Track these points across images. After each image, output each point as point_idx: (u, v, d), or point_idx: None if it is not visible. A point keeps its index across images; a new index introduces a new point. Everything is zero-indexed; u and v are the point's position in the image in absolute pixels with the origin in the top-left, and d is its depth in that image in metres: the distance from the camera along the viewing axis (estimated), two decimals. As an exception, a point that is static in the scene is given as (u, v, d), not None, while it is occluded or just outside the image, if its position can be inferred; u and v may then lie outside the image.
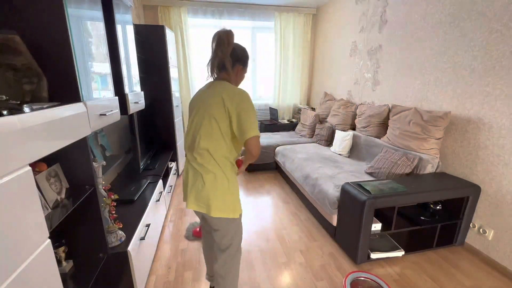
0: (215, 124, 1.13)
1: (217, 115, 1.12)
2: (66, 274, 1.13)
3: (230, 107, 1.10)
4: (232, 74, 1.22)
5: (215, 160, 1.16)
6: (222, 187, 1.17)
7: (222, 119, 1.12)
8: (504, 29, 1.70)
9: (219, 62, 1.18)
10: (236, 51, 1.20)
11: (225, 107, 1.11)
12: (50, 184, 1.02)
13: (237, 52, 1.20)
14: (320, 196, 2.16)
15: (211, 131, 1.14)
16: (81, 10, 1.14)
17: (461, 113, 2.01)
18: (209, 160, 1.17)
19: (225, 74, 1.21)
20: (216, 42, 1.15)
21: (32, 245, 0.71)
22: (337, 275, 1.73)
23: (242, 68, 1.25)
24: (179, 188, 3.11)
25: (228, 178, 1.19)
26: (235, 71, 1.23)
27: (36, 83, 0.95)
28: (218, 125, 1.12)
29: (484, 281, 1.69)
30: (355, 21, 3.27)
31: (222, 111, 1.12)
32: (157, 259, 1.89)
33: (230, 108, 1.11)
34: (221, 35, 1.14)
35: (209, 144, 1.15)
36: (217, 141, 1.15)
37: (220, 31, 1.14)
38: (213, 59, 1.20)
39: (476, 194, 1.89)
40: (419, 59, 2.36)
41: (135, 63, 2.03)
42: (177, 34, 3.73)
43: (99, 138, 1.88)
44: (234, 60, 1.20)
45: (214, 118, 1.12)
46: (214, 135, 1.14)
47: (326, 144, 3.39)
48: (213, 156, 1.16)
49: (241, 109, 1.11)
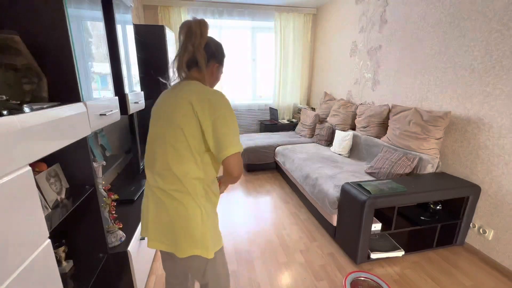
0: (181, 137, 0.88)
1: (185, 126, 0.87)
2: (66, 274, 1.14)
3: (202, 115, 0.85)
4: (206, 73, 0.98)
5: (183, 184, 0.90)
6: (193, 221, 0.90)
7: (191, 132, 0.87)
8: (504, 29, 1.70)
9: (189, 58, 0.94)
10: (210, 45, 0.97)
11: (195, 116, 0.86)
12: (50, 184, 1.02)
13: (211, 47, 0.97)
14: (320, 196, 2.16)
15: (177, 145, 0.88)
16: (81, 10, 1.14)
17: (461, 113, 2.01)
18: (174, 185, 0.90)
19: (197, 72, 0.97)
20: (184, 34, 0.92)
21: (32, 245, 0.71)
22: (337, 275, 1.73)
23: (217, 67, 1.02)
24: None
25: (202, 208, 0.92)
26: (209, 70, 1.00)
27: (36, 83, 0.95)
28: (186, 138, 0.87)
29: (484, 281, 1.69)
30: (355, 21, 3.27)
31: (191, 121, 0.87)
32: (157, 259, 1.89)
33: (202, 117, 0.85)
34: (191, 25, 0.91)
35: (174, 163, 0.89)
36: (185, 159, 0.89)
37: (190, 20, 0.92)
38: (180, 55, 0.95)
39: (476, 194, 1.89)
40: (419, 59, 2.36)
41: (135, 63, 2.03)
42: (177, 34, 3.73)
43: (99, 138, 1.88)
44: (209, 56, 0.96)
45: (180, 129, 0.87)
46: (181, 150, 0.88)
47: (326, 144, 3.39)
48: (180, 179, 0.89)
49: (216, 117, 0.85)
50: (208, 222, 0.94)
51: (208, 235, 0.93)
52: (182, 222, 0.90)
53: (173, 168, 0.89)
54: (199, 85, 0.93)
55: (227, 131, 0.86)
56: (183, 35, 0.93)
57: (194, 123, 0.87)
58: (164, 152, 0.91)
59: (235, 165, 0.88)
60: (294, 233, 2.21)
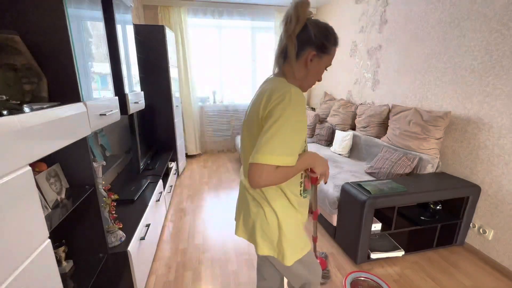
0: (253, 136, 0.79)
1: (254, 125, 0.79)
2: (66, 274, 1.13)
3: (262, 111, 0.74)
4: (296, 66, 0.78)
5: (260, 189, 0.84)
6: (271, 227, 0.85)
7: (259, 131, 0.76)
8: (504, 29, 1.70)
9: (280, 49, 0.80)
10: (308, 29, 0.75)
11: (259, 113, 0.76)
12: (50, 184, 1.02)
13: (309, 31, 0.75)
14: (320, 196, 2.16)
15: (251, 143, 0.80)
16: (81, 10, 1.14)
17: (461, 113, 2.01)
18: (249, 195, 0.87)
19: (287, 66, 0.80)
20: (283, 20, 0.78)
21: (32, 245, 0.71)
22: (337, 275, 1.73)
23: (315, 55, 0.77)
24: (179, 188, 3.11)
25: (278, 214, 0.84)
26: (302, 60, 0.78)
27: (36, 83, 0.95)
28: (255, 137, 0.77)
29: (484, 281, 1.69)
30: (355, 21, 3.27)
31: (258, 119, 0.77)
32: (157, 259, 1.89)
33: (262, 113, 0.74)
34: (288, 9, 0.76)
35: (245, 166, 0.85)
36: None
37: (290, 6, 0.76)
38: (277, 48, 0.82)
39: (476, 194, 1.89)
40: (419, 59, 2.36)
41: (135, 63, 2.03)
42: (177, 34, 3.73)
43: (99, 138, 1.88)
44: (303, 42, 0.76)
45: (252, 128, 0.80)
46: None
47: (326, 144, 3.39)
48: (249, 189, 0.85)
49: (272, 114, 0.71)
50: (286, 229, 0.85)
51: (285, 243, 0.85)
52: (261, 225, 0.87)
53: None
54: (279, 81, 0.78)
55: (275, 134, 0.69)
56: (281, 25, 0.79)
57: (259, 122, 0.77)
58: (244, 151, 0.89)
59: (253, 176, 0.70)
60: (294, 233, 2.21)
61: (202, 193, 2.97)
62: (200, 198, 2.85)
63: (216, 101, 4.37)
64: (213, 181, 3.31)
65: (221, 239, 2.12)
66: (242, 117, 4.54)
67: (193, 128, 4.15)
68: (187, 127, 4.08)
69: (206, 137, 4.42)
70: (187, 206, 2.68)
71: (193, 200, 2.79)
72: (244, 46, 4.29)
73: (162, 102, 3.13)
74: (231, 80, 4.37)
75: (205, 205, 2.71)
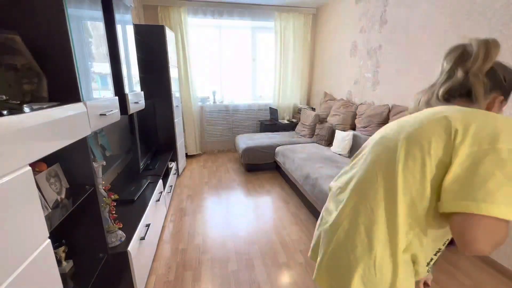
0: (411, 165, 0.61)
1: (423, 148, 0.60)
2: (66, 274, 1.13)
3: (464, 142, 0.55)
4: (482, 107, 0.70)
5: (369, 240, 0.65)
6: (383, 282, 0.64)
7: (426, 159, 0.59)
8: (504, 29, 1.70)
9: (451, 86, 0.70)
10: (496, 71, 0.70)
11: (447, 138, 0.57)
12: (50, 184, 1.02)
13: (498, 74, 0.70)
14: (320, 196, 2.16)
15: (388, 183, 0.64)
16: (81, 10, 1.14)
17: (461, 113, 2.01)
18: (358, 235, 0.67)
19: (464, 104, 0.70)
20: (453, 58, 0.71)
21: (32, 245, 0.71)
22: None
23: (502, 101, 0.71)
24: (179, 188, 3.11)
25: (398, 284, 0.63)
26: (486, 103, 0.70)
27: (36, 83, 0.95)
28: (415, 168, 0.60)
29: (484, 281, 1.69)
30: (355, 21, 3.27)
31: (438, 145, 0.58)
32: (157, 259, 1.89)
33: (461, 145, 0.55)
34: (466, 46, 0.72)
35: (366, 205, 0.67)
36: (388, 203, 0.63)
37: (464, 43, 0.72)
38: (443, 81, 0.73)
39: (476, 194, 1.88)
40: (419, 59, 2.36)
41: (135, 63, 2.03)
42: (177, 34, 3.73)
43: (99, 138, 1.88)
44: (492, 84, 0.69)
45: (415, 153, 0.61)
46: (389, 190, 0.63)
47: (326, 144, 3.39)
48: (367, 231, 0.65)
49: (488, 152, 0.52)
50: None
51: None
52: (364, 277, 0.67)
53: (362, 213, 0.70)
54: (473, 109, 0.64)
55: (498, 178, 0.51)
56: (451, 60, 0.72)
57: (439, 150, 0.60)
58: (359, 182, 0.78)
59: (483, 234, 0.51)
60: (294, 233, 2.21)
61: (202, 193, 2.97)
62: (200, 198, 2.85)
63: (216, 101, 4.37)
64: (213, 181, 3.31)
65: (221, 239, 2.12)
66: (242, 117, 4.54)
67: (193, 128, 4.15)
68: (187, 127, 4.08)
69: (206, 137, 4.42)
70: (187, 206, 2.68)
71: (193, 200, 2.79)
72: (244, 46, 4.29)
73: (162, 102, 3.13)
74: (231, 80, 4.37)
75: (205, 205, 2.71)
